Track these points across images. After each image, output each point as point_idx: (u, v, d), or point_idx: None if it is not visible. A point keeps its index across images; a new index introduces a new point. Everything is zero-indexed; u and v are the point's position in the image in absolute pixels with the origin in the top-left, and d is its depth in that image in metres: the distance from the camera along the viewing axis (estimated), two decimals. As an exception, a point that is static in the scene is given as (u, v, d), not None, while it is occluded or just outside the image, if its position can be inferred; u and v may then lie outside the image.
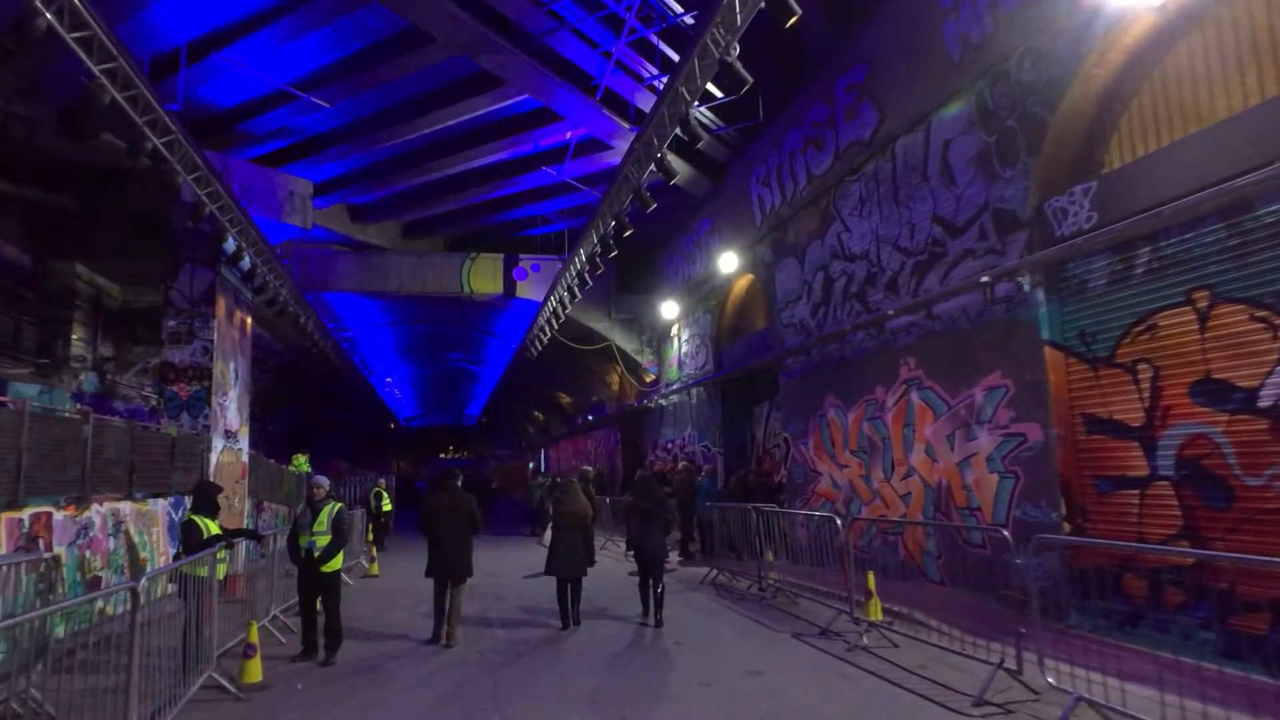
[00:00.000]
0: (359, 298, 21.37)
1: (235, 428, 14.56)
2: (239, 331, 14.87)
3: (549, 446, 43.81)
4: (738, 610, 9.47)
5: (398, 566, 15.50)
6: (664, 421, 20.81)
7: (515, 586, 12.32)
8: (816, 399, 12.34)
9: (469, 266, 20.67)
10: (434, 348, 31.25)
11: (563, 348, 22.14)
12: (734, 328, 16.89)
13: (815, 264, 12.43)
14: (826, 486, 12.04)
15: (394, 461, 63.59)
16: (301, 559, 7.50)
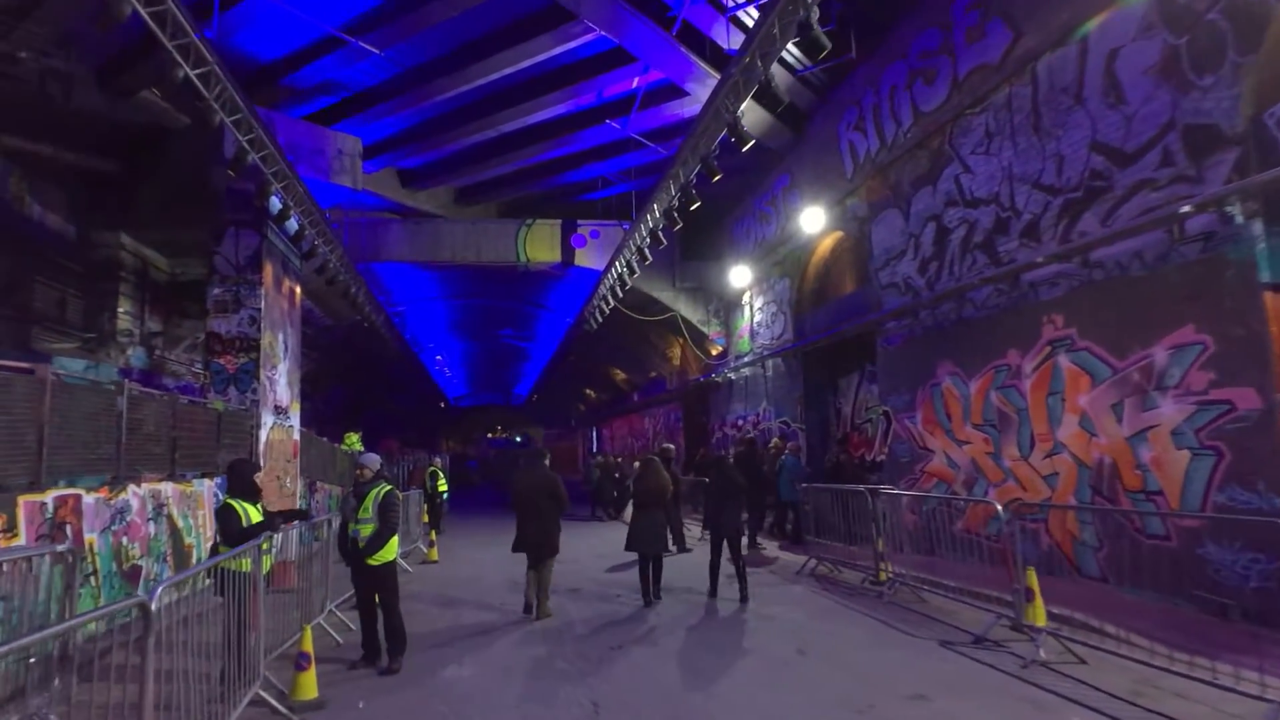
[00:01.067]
0: (410, 269, 20.38)
1: (285, 403, 13.67)
2: (288, 301, 13.93)
3: (601, 425, 42.82)
4: (855, 608, 8.16)
5: (458, 550, 14.52)
6: (733, 396, 19.48)
7: (596, 577, 11.16)
8: (927, 367, 10.88)
9: (525, 233, 19.51)
10: (485, 324, 30.30)
11: (618, 321, 20.89)
12: (817, 292, 15.43)
13: (924, 214, 10.91)
14: (940, 465, 10.61)
15: (444, 440, 63.53)
16: (350, 551, 6.41)
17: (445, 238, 19.19)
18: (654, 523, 8.82)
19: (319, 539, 8.85)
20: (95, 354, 15.41)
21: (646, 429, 30.36)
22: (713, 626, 7.68)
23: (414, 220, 19.21)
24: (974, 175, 9.83)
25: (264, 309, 12.49)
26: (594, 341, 25.39)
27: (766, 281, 17.15)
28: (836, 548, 10.38)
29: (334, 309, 21.31)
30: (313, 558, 8.23)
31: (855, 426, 14.41)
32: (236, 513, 5.88)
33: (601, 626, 7.80)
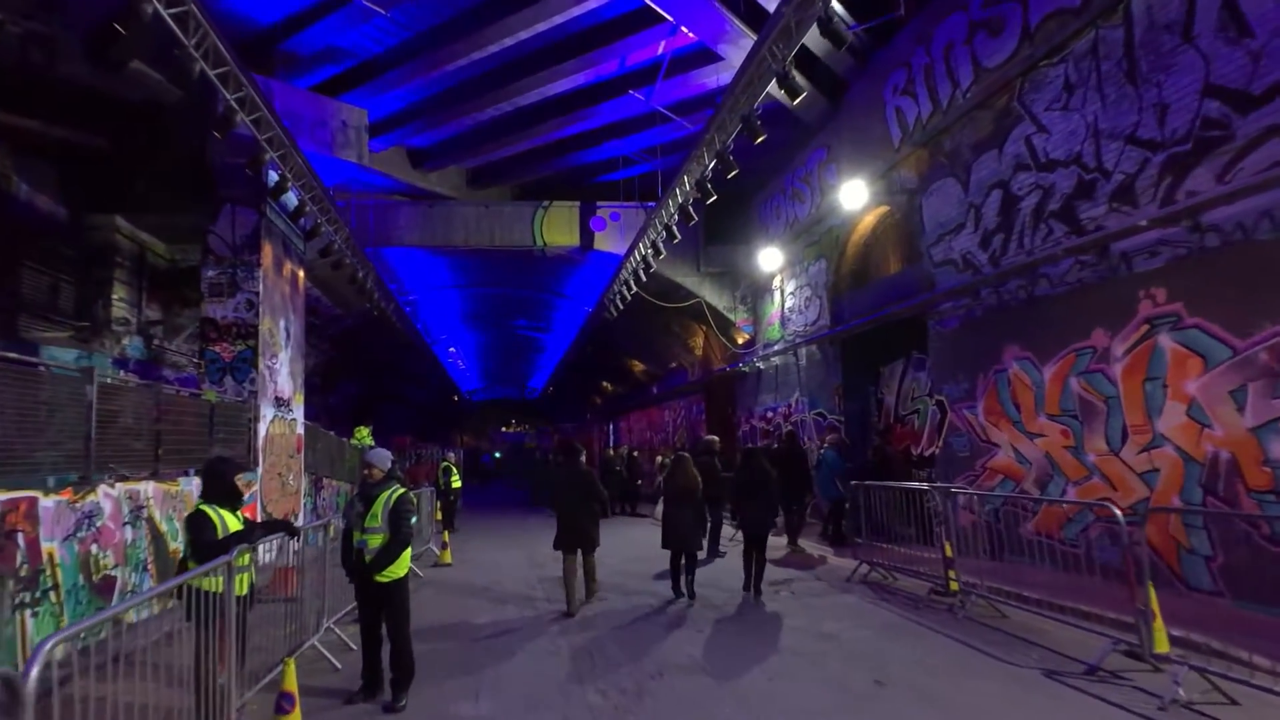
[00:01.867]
0: (421, 255, 19.45)
1: (288, 395, 12.76)
2: (290, 286, 13.01)
3: (618, 419, 41.86)
4: (927, 625, 7.12)
5: (473, 552, 13.59)
6: (761, 387, 18.42)
7: (626, 584, 10.16)
8: (989, 351, 9.79)
9: (541, 216, 18.51)
10: (500, 313, 29.37)
11: (639, 309, 19.88)
12: (856, 274, 14.34)
13: (987, 181, 9.81)
14: (1007, 460, 9.53)
15: (458, 436, 62.83)
16: (354, 565, 5.45)
17: (458, 221, 18.23)
18: (685, 518, 8.75)
19: (327, 539, 7.92)
20: (89, 344, 14.55)
21: (666, 422, 29.36)
22: (766, 643, 6.67)
23: (425, 203, 18.26)
24: (1049, 135, 8.72)
25: (263, 293, 11.57)
26: (612, 331, 24.40)
27: (799, 264, 16.07)
28: (890, 551, 9.35)
29: (343, 297, 20.42)
30: (311, 564, 7.31)
31: (899, 418, 13.33)
32: (210, 521, 4.93)
33: (636, 645, 6.81)
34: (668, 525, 8.86)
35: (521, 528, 18.09)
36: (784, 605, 8.38)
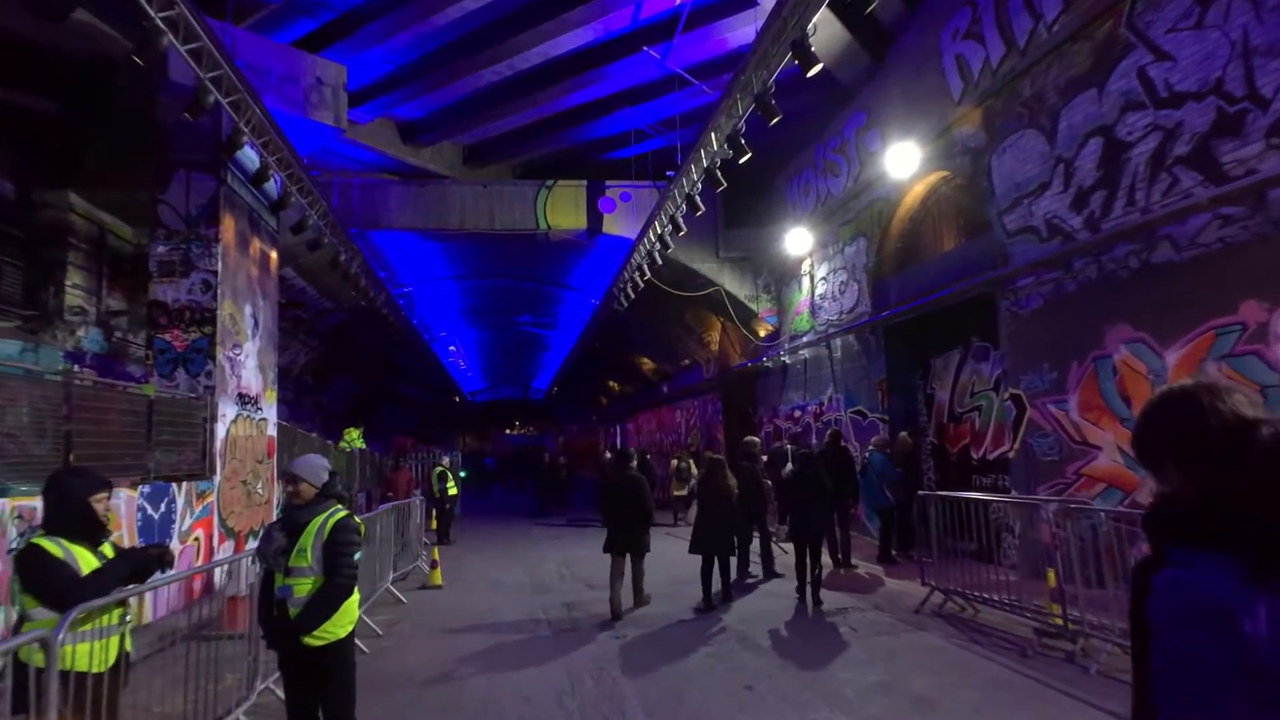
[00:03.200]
0: (413, 240, 17.84)
1: (256, 392, 11.14)
2: (258, 267, 11.39)
3: (626, 420, 40.22)
4: (1051, 683, 5.45)
5: (468, 569, 11.94)
6: (787, 383, 16.76)
7: (641, 618, 8.48)
8: (1086, 333, 8.12)
9: (545, 197, 16.88)
10: (501, 308, 27.72)
11: (649, 301, 18.27)
12: (902, 253, 12.66)
13: (1082, 128, 8.13)
14: (1112, 466, 7.85)
15: (460, 438, 61.25)
16: (274, 624, 3.81)
17: (453, 202, 16.60)
18: (719, 523, 8.60)
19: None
20: (37, 335, 12.97)
21: (678, 423, 27.69)
22: (847, 712, 5.00)
23: (416, 182, 16.63)
24: (1174, 63, 7.04)
25: (222, 272, 9.95)
26: (621, 326, 22.77)
27: (834, 245, 14.39)
28: (968, 575, 7.69)
29: (330, 288, 18.81)
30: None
31: (955, 416, 11.65)
32: (51, 560, 3.29)
33: (671, 703, 5.15)
34: (698, 530, 8.70)
35: (525, 539, 16.45)
36: (852, 648, 6.70)
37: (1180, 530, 1.33)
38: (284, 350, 22.60)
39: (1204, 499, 1.30)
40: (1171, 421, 1.40)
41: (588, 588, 10.44)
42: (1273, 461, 1.22)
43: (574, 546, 14.92)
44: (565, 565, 12.52)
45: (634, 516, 8.32)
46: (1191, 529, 1.30)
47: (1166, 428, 1.41)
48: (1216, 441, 1.30)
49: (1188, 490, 1.35)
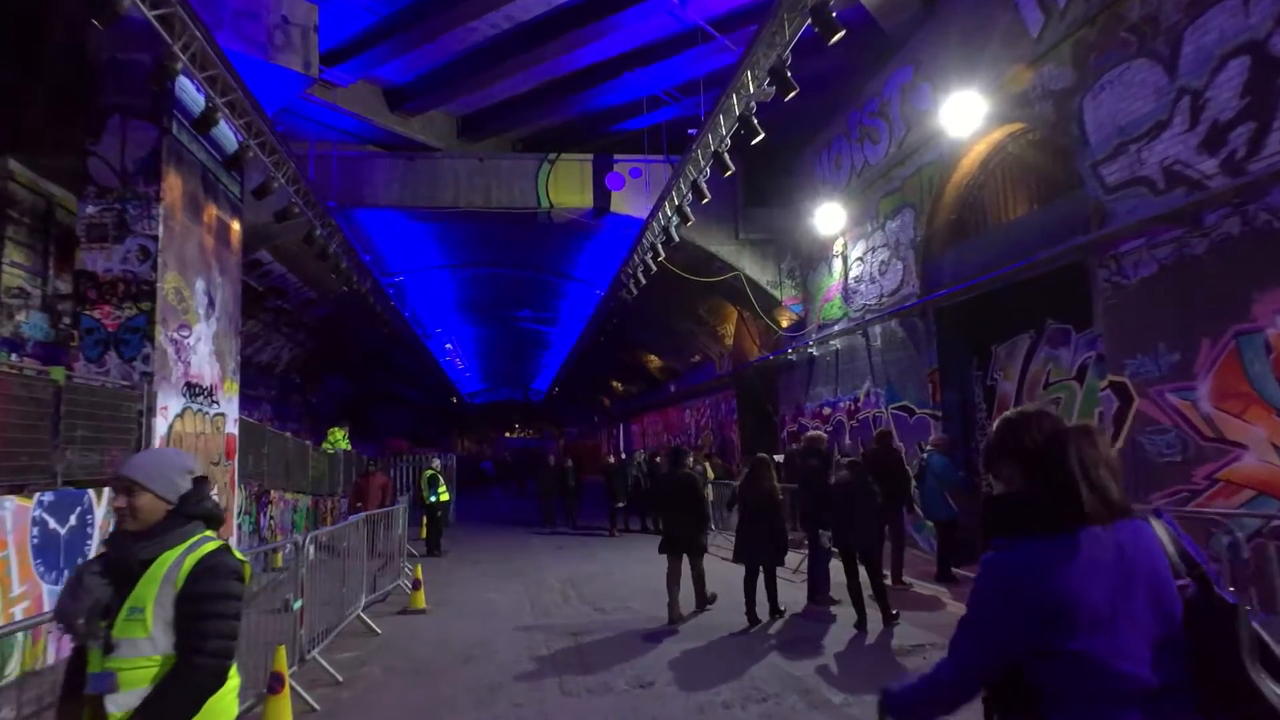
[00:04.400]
0: (402, 220, 16.28)
1: (211, 382, 9.53)
2: (216, 238, 9.80)
3: (630, 421, 38.66)
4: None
5: (459, 587, 10.31)
6: (815, 377, 15.16)
7: (668, 650, 6.86)
8: (1223, 302, 6.53)
9: (547, 172, 15.31)
10: (500, 301, 26.12)
11: (658, 292, 16.79)
12: (958, 225, 11.07)
13: (1216, 50, 6.55)
14: (1259, 468, 6.24)
15: (458, 441, 59.66)
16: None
17: (446, 177, 15.02)
18: (762, 530, 7.88)
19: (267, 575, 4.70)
20: (-33, 319, 11.40)
21: (688, 423, 26.11)
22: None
23: (405, 155, 15.05)
24: (1361, -53, 5.46)
25: (165, 238, 8.36)
26: (627, 322, 21.20)
27: (872, 220, 12.80)
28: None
29: (313, 275, 17.25)
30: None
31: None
32: None
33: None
34: (742, 537, 8.08)
35: (524, 550, 14.82)
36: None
37: (1006, 521, 1.71)
38: (267, 345, 21.03)
39: (1027, 495, 1.73)
40: (1007, 437, 1.81)
41: (597, 611, 8.84)
42: (1067, 466, 1.64)
43: (578, 560, 13.30)
44: (570, 584, 10.92)
45: (689, 515, 8.14)
46: (1014, 519, 1.70)
47: (1005, 441, 1.81)
48: (1034, 453, 1.72)
49: (1015, 488, 1.78)
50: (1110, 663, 1.53)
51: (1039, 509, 1.66)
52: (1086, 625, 1.54)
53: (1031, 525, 1.65)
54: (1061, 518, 1.62)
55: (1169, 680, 1.54)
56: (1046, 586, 1.56)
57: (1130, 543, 1.62)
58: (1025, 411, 1.85)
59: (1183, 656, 1.56)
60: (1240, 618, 1.53)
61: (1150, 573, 1.60)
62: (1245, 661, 1.50)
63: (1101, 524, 1.61)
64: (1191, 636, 1.58)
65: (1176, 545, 1.67)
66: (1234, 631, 1.52)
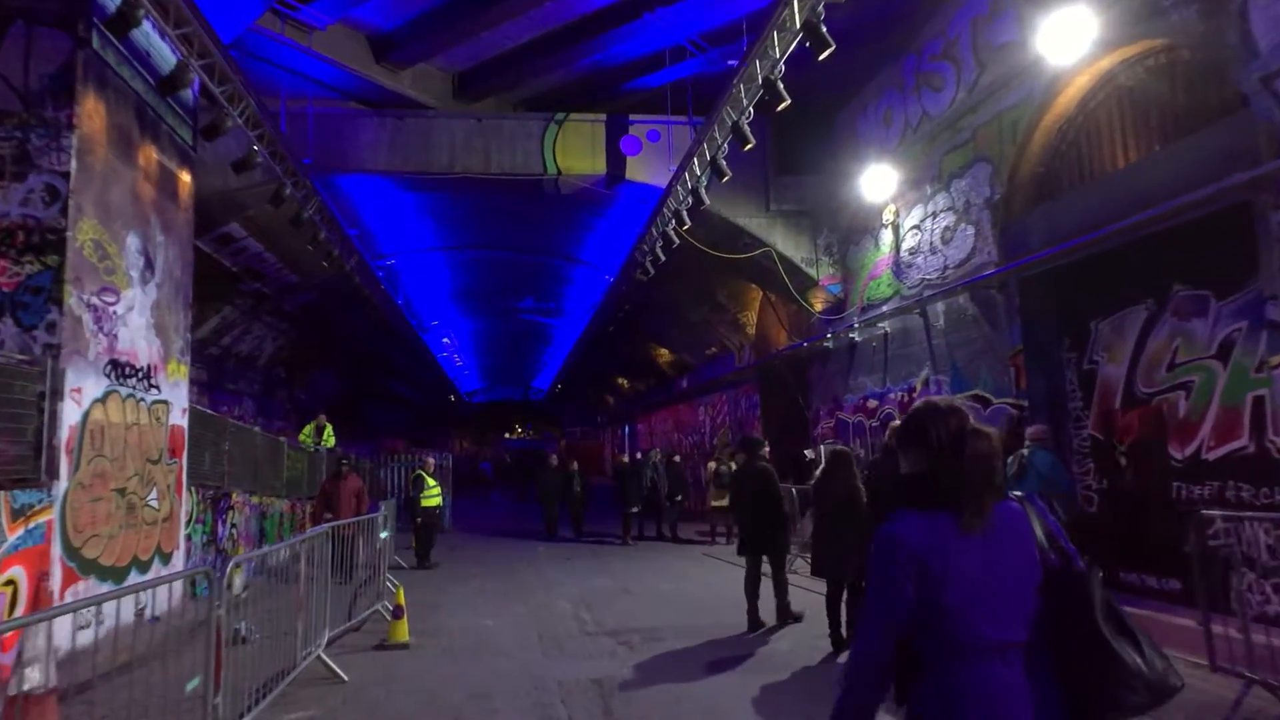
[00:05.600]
0: (391, 189, 14.53)
1: (148, 361, 7.77)
2: (157, 187, 8.05)
3: (636, 421, 36.87)
4: None
5: (450, 612, 8.52)
6: (855, 366, 13.41)
7: (725, 699, 5.13)
8: None
9: (555, 134, 13.56)
10: (501, 289, 24.31)
11: (673, 278, 15.14)
12: (1049, 177, 9.32)
13: None
14: None
15: (456, 441, 57.87)
16: None
17: (440, 138, 13.27)
18: (847, 538, 6.44)
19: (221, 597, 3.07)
20: None
21: (701, 422, 24.33)
22: None
23: (393, 113, 13.29)
24: None
25: (78, 176, 6.61)
26: (637, 311, 19.47)
27: (933, 181, 11.05)
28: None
29: (293, 254, 15.49)
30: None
31: (1139, 398, 8.27)
32: None
33: None
34: (821, 547, 6.97)
35: (527, 562, 13.08)
36: None
37: (909, 498, 1.92)
38: (246, 334, 19.26)
39: (930, 476, 1.91)
40: (914, 425, 1.97)
41: (622, 645, 7.11)
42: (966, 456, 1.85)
43: (591, 574, 11.56)
44: (584, 605, 9.18)
45: (766, 512, 7.55)
46: (914, 496, 1.91)
47: (917, 429, 1.95)
48: (939, 444, 1.90)
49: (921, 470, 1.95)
50: (978, 621, 1.76)
51: (935, 489, 1.85)
52: (957, 587, 1.75)
53: (924, 502, 1.86)
54: (949, 498, 1.82)
55: (1030, 638, 1.79)
56: (923, 549, 1.77)
57: (1003, 521, 1.84)
58: (938, 405, 1.98)
59: (1042, 617, 1.80)
60: (1092, 583, 1.82)
61: (1018, 546, 1.84)
62: (1097, 619, 1.75)
63: (981, 506, 1.81)
64: (1051, 600, 1.82)
65: (1043, 523, 1.92)
66: (1087, 595, 1.79)
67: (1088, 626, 1.74)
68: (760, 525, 7.64)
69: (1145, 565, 8.09)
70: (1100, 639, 1.72)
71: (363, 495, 9.87)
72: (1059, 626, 1.79)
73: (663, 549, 14.53)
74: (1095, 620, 1.73)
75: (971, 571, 1.76)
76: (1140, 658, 1.71)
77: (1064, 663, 1.77)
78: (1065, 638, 1.77)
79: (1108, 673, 1.71)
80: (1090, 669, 1.73)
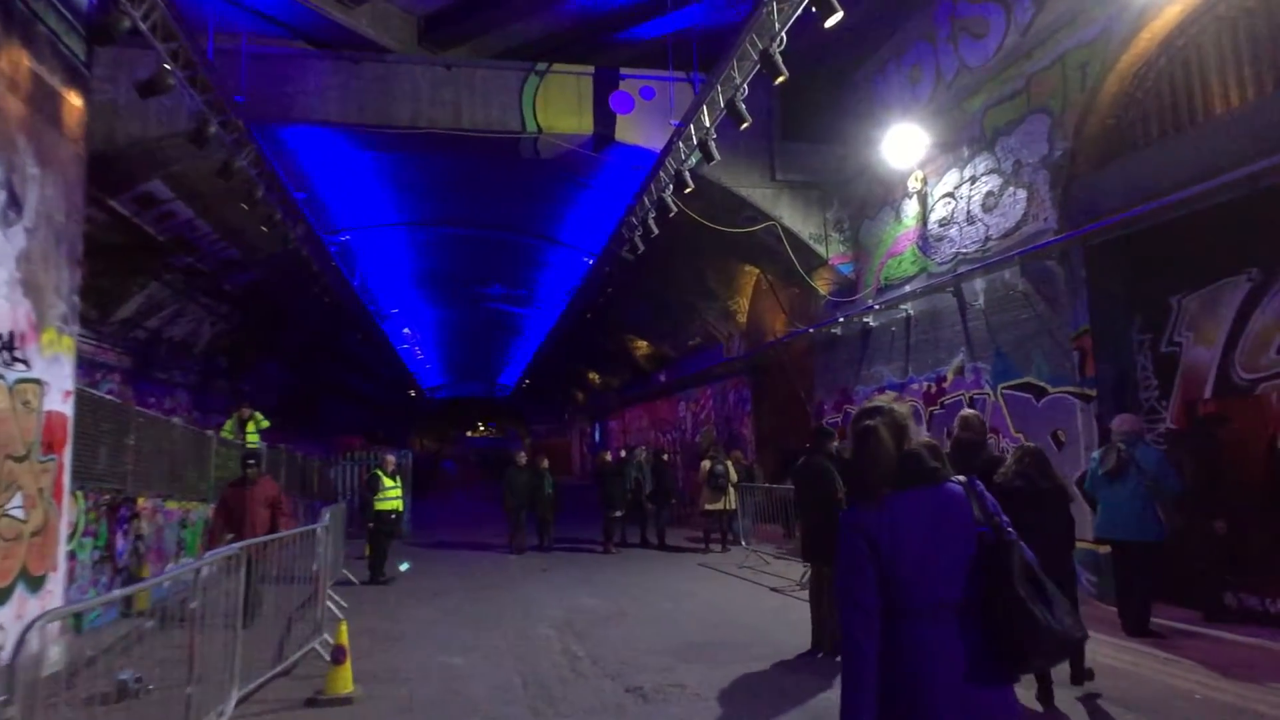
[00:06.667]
0: (344, 145, 12.74)
1: (12, 328, 5.97)
2: (29, 105, 6.25)
3: (608, 417, 35.28)
4: None
5: (410, 647, 6.78)
6: (869, 354, 12.01)
7: None
8: None
9: (535, 87, 11.90)
10: (468, 273, 22.44)
11: (654, 263, 13.69)
12: (1125, 130, 7.94)
13: None
14: None
15: (417, 439, 55.61)
16: None
17: (402, 87, 11.52)
18: None
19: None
20: None
21: (682, 418, 22.83)
22: None
23: (348, 56, 11.50)
24: None
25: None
26: (617, 297, 17.87)
27: (974, 141, 9.64)
28: None
29: (232, 222, 13.61)
30: None
31: (1237, 386, 6.94)
32: None
33: None
34: None
35: (500, 575, 11.43)
36: None
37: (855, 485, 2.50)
38: (180, 316, 17.20)
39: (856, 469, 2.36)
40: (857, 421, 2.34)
41: (630, 694, 5.58)
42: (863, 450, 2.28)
43: (574, 589, 9.97)
44: (572, 632, 7.60)
45: (821, 512, 6.43)
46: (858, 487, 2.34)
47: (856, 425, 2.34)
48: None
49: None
50: (919, 588, 2.11)
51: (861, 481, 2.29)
52: (902, 561, 2.11)
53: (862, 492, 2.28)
54: (870, 489, 2.23)
55: (964, 598, 2.12)
56: (870, 530, 2.15)
57: (944, 500, 2.19)
58: (874, 403, 2.37)
59: (975, 582, 2.13)
60: (1014, 552, 2.13)
61: (955, 524, 2.16)
62: (1015, 584, 2.07)
63: (875, 493, 2.21)
64: (982, 567, 2.14)
65: (979, 501, 2.22)
66: (1009, 563, 2.10)
67: (1007, 591, 2.07)
68: (817, 528, 6.54)
69: (1244, 584, 6.78)
70: (1018, 600, 2.06)
71: (280, 504, 7.89)
72: (986, 589, 2.12)
73: (651, 558, 12.98)
74: (1014, 585, 2.07)
75: (914, 547, 2.13)
76: (1051, 617, 2.06)
77: (989, 620, 2.11)
78: (990, 600, 2.11)
79: (1023, 629, 2.04)
80: (1009, 626, 2.07)
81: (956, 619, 2.09)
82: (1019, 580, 2.06)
